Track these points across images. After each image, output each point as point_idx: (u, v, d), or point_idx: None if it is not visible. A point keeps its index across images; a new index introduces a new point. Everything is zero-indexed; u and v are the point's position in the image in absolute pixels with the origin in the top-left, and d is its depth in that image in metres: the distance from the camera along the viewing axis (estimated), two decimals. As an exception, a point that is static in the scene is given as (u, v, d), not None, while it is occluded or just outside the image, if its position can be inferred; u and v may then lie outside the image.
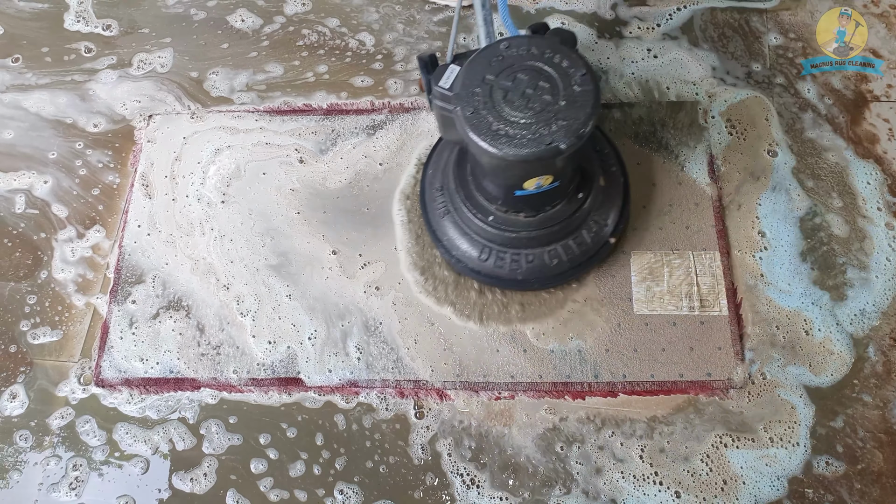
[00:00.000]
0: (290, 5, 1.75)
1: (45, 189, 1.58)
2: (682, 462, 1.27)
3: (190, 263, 1.48)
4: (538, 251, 1.35)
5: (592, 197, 1.35)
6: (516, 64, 1.14)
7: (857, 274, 1.40)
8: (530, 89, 1.12)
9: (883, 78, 1.58)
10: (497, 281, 1.38)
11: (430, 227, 1.42)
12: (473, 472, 1.28)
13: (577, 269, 1.37)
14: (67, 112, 1.66)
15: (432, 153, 1.49)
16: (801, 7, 1.67)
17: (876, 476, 1.25)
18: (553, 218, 1.32)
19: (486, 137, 1.09)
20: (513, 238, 1.33)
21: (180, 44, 1.73)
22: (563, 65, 1.13)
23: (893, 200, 1.46)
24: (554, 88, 1.11)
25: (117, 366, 1.40)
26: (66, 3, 1.80)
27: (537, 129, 1.09)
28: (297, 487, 1.29)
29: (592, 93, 1.11)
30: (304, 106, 1.63)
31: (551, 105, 1.10)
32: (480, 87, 1.13)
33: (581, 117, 1.09)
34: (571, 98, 1.10)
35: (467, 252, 1.37)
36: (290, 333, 1.40)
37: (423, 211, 1.44)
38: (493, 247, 1.35)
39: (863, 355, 1.33)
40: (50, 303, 1.47)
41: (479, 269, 1.37)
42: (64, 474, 1.32)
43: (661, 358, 1.34)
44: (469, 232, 1.37)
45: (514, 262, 1.35)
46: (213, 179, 1.56)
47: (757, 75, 1.59)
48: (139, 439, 1.34)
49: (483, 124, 1.10)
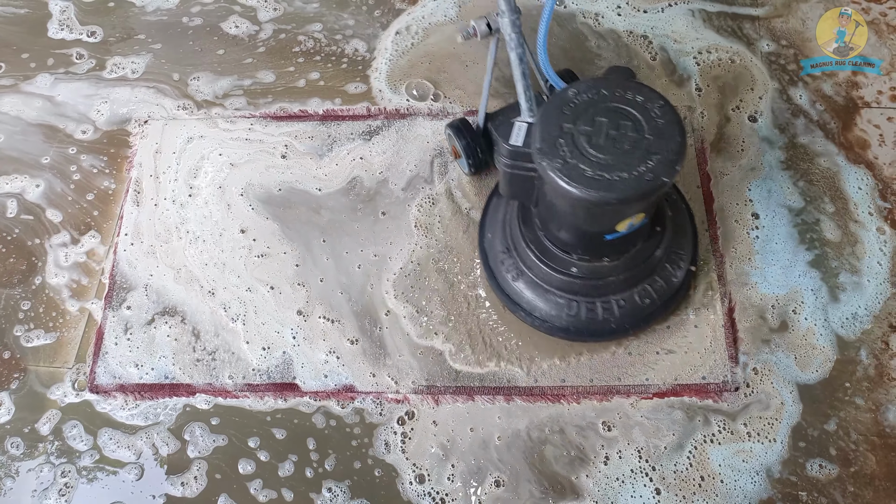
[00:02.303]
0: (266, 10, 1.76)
1: (38, 193, 1.58)
2: (669, 458, 1.27)
3: (173, 273, 1.48)
4: (628, 294, 1.30)
5: (668, 228, 1.33)
6: (591, 108, 1.12)
7: (849, 278, 1.41)
8: (613, 130, 1.09)
9: (873, 84, 1.59)
10: (589, 335, 1.33)
11: (504, 294, 1.36)
12: (462, 477, 1.29)
13: (667, 304, 1.34)
14: (60, 117, 1.66)
15: (485, 216, 1.44)
16: (792, 14, 1.69)
17: (869, 479, 1.26)
18: (636, 257, 1.28)
19: (584, 186, 1.06)
20: (600, 286, 1.29)
21: (175, 50, 1.73)
22: (637, 100, 1.11)
23: (884, 205, 1.48)
24: (637, 125, 1.10)
25: (112, 371, 1.39)
26: (49, 11, 1.79)
27: (633, 167, 1.06)
28: (284, 486, 1.29)
29: (676, 122, 1.09)
30: (300, 111, 1.63)
31: (640, 141, 1.08)
32: (563, 137, 1.10)
33: (673, 147, 1.08)
34: (657, 131, 1.09)
35: (551, 311, 1.32)
36: (278, 340, 1.40)
37: (491, 278, 1.38)
38: (580, 299, 1.30)
39: (855, 358, 1.34)
40: (44, 308, 1.47)
41: (567, 327, 1.32)
42: (53, 480, 1.32)
43: (655, 362, 1.35)
44: (550, 289, 1.31)
45: (605, 311, 1.30)
46: (208, 185, 1.56)
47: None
48: (123, 445, 1.33)
49: (576, 173, 1.07)
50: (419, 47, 1.70)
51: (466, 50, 1.68)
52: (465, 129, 1.43)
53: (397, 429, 1.32)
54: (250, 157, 1.58)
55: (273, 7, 1.78)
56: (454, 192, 1.52)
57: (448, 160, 1.55)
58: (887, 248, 1.43)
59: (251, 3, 1.78)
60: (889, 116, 1.56)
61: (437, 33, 1.72)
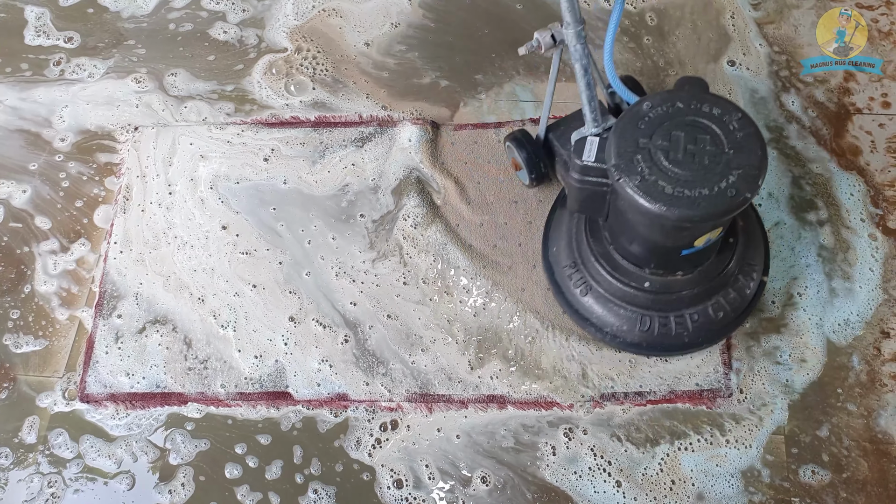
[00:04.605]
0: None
1: (25, 199, 1.56)
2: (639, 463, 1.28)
3: (162, 281, 1.47)
4: (701, 307, 1.27)
5: (740, 240, 1.30)
6: (667, 122, 1.08)
7: (841, 284, 1.41)
8: (691, 144, 1.06)
9: (865, 91, 1.60)
10: (662, 349, 1.31)
11: (573, 309, 1.34)
12: (452, 481, 1.29)
13: (740, 317, 1.31)
14: (41, 122, 1.64)
15: (548, 230, 1.41)
16: (784, 21, 1.69)
17: (861, 484, 1.27)
18: (710, 270, 1.26)
19: (664, 203, 1.03)
20: (673, 300, 1.27)
21: (165, 55, 1.72)
22: (715, 113, 1.08)
23: (876, 211, 1.48)
24: (715, 139, 1.06)
25: (103, 381, 1.38)
26: (24, 18, 1.77)
27: (714, 183, 1.03)
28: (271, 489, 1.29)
29: (756, 134, 1.06)
30: (292, 118, 1.62)
31: (720, 156, 1.05)
32: (639, 153, 1.06)
33: (754, 161, 1.04)
34: (737, 144, 1.05)
35: (623, 326, 1.30)
36: (270, 348, 1.39)
37: (558, 294, 1.35)
38: (653, 314, 1.28)
39: (847, 364, 1.35)
40: (34, 317, 1.45)
41: (639, 342, 1.30)
42: (40, 490, 1.31)
43: (649, 369, 1.35)
44: (622, 304, 1.29)
45: (679, 325, 1.28)
46: (203, 191, 1.55)
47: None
48: (107, 453, 1.33)
49: (655, 190, 1.04)
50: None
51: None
52: (525, 140, 1.39)
53: (379, 434, 1.32)
54: (236, 160, 1.57)
55: (241, 9, 1.76)
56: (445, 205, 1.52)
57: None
58: (879, 255, 1.44)
59: (219, 8, 1.77)
60: (881, 123, 1.56)
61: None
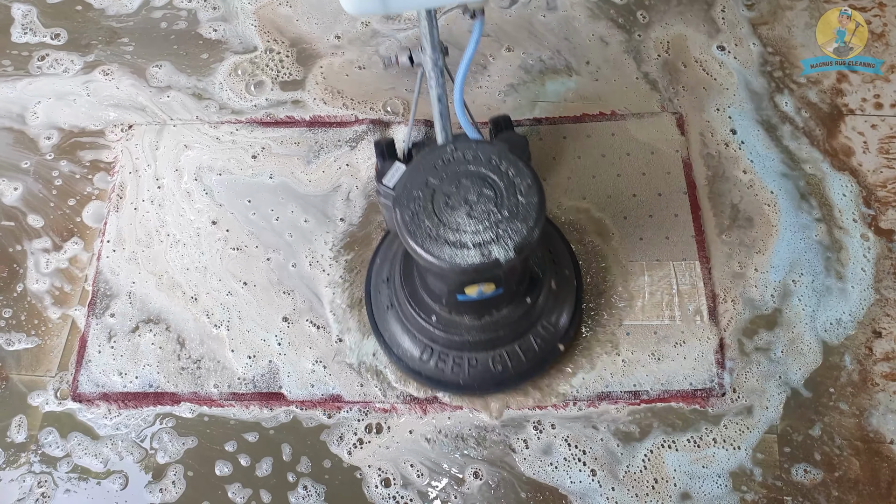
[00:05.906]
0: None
1: (16, 196, 1.55)
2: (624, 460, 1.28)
3: (155, 279, 1.46)
4: (482, 356, 1.28)
5: (543, 300, 1.28)
6: (461, 169, 1.07)
7: (833, 284, 1.42)
8: (473, 196, 1.05)
9: (858, 92, 1.61)
10: (437, 384, 1.31)
11: (373, 319, 1.36)
12: (442, 481, 1.29)
13: (521, 377, 1.30)
14: (42, 121, 1.63)
15: (382, 241, 1.43)
16: (778, 22, 1.70)
17: (853, 483, 1.27)
18: (499, 322, 1.25)
19: (422, 243, 1.03)
20: (457, 341, 1.26)
21: (160, 53, 1.71)
22: (509, 173, 1.06)
23: (868, 212, 1.49)
24: (498, 197, 1.05)
25: (95, 380, 1.37)
26: (11, 16, 1.76)
27: (477, 238, 1.02)
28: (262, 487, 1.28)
29: (536, 205, 1.04)
30: (287, 118, 1.62)
31: (492, 215, 1.04)
32: (422, 191, 1.06)
33: (523, 231, 1.03)
34: (514, 209, 1.04)
35: (409, 351, 1.31)
36: (264, 348, 1.39)
37: (367, 300, 1.38)
38: (436, 348, 1.28)
39: (839, 364, 1.35)
40: (26, 316, 1.45)
41: (419, 370, 1.30)
42: (30, 490, 1.30)
43: (643, 367, 1.35)
44: (412, 329, 1.29)
45: (456, 366, 1.28)
46: (196, 192, 1.54)
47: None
48: (99, 454, 1.32)
49: (420, 230, 1.03)
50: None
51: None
52: (389, 152, 1.33)
53: (364, 436, 1.32)
54: (226, 157, 1.57)
55: (213, 6, 1.76)
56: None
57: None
58: (871, 255, 1.45)
59: (191, 6, 1.76)
60: (873, 124, 1.57)
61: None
